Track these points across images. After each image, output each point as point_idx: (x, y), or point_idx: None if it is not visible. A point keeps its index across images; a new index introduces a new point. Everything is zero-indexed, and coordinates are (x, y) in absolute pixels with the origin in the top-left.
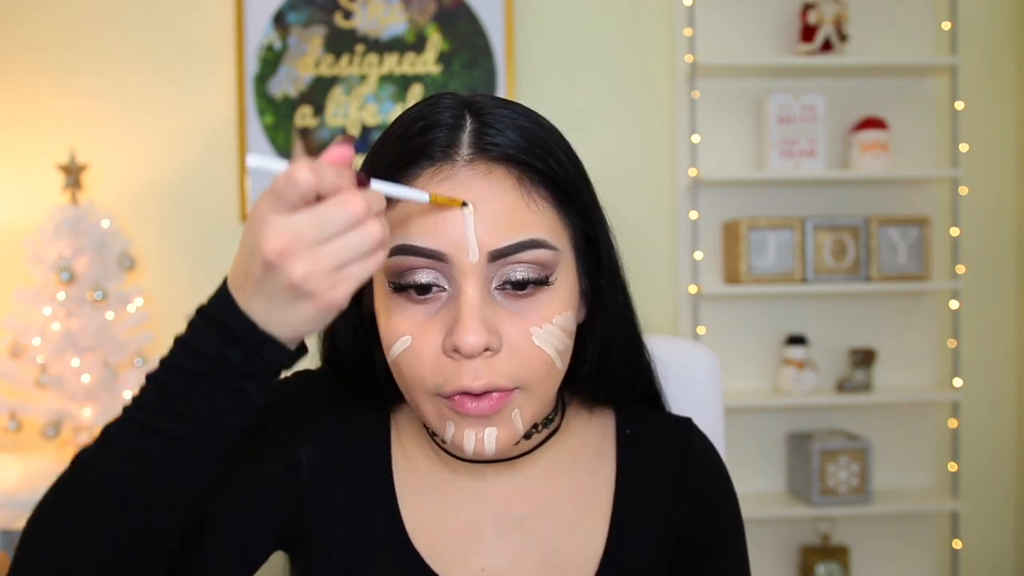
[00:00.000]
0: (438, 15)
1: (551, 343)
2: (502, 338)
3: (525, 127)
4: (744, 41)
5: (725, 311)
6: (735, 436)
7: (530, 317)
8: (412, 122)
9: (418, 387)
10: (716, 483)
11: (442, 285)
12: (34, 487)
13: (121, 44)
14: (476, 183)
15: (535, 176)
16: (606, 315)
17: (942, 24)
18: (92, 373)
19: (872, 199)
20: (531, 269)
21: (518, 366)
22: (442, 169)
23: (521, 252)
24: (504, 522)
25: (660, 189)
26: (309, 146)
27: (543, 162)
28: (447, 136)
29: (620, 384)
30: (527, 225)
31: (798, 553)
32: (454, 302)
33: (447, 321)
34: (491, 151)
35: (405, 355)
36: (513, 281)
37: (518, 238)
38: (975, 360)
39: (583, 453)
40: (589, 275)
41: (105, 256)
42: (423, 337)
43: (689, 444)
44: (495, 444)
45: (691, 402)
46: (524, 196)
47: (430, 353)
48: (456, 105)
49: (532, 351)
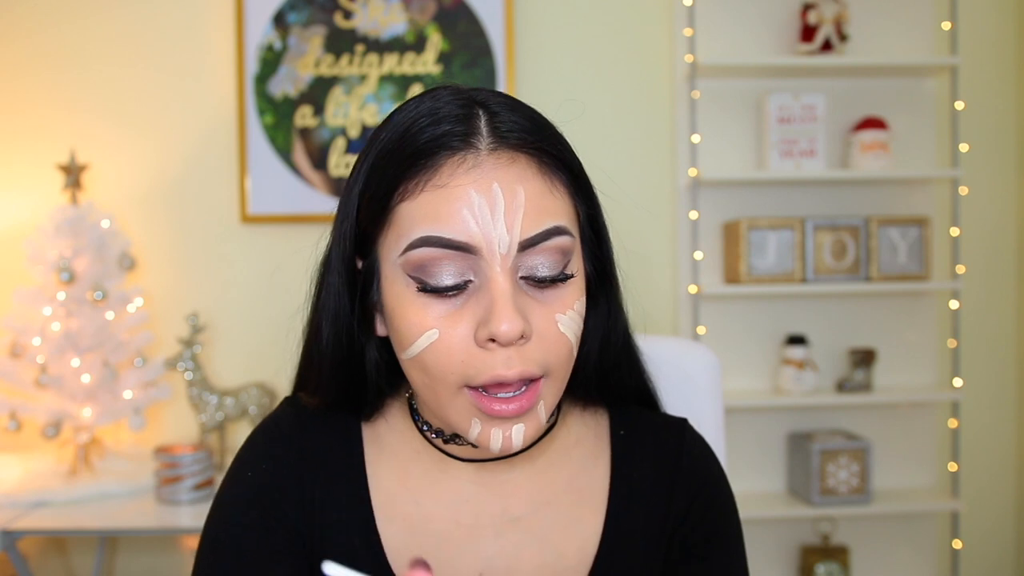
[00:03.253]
0: (438, 15)
1: (572, 329)
2: (531, 325)
3: (530, 115)
4: (744, 41)
5: (725, 311)
6: (735, 436)
7: (554, 305)
8: (419, 115)
9: (445, 381)
10: (711, 482)
11: (468, 278)
12: (34, 487)
13: (121, 44)
14: (503, 171)
15: (553, 162)
16: (607, 304)
17: (942, 24)
18: (92, 373)
19: (872, 199)
20: (554, 263)
21: (547, 352)
22: (466, 159)
23: (548, 240)
24: (502, 521)
25: (660, 189)
26: (309, 146)
27: (556, 148)
28: (465, 126)
29: (614, 382)
30: (551, 212)
31: (798, 553)
32: (484, 292)
33: (476, 312)
34: (509, 138)
35: (431, 349)
36: (537, 278)
37: (545, 226)
38: (975, 360)
39: (578, 451)
40: (593, 261)
41: (105, 256)
42: (450, 330)
43: (683, 444)
44: (523, 440)
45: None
46: (547, 183)
47: (460, 345)
48: (460, 96)
49: (558, 337)
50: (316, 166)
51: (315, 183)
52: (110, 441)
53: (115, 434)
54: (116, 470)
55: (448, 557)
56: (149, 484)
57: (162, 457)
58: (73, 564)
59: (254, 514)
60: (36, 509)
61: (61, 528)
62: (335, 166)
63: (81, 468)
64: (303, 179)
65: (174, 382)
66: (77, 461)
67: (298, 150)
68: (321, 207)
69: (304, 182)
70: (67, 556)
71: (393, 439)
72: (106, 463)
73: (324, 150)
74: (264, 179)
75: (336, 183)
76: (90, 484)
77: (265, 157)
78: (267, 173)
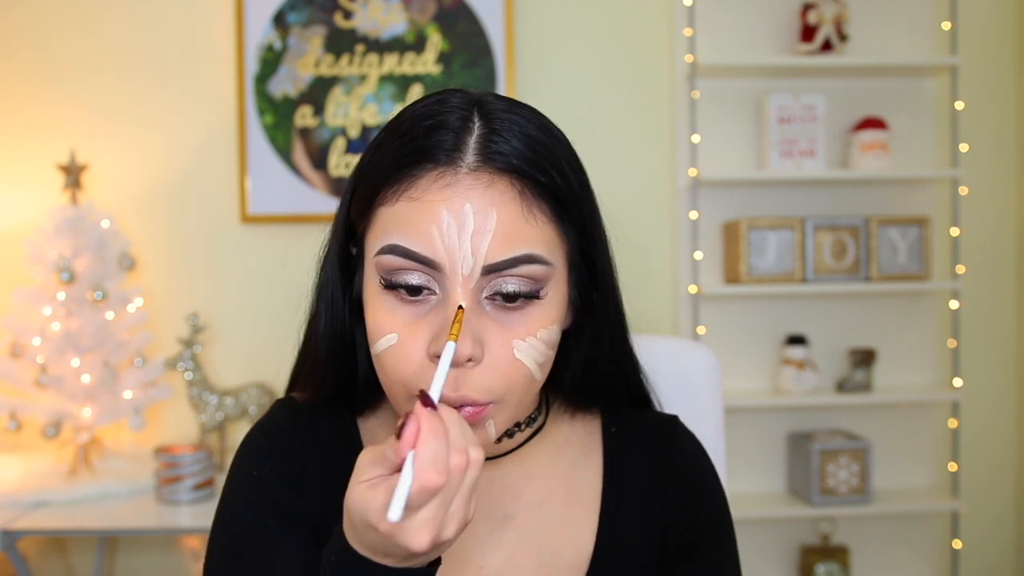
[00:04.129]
0: (438, 15)
1: (532, 356)
2: (484, 349)
3: (533, 136)
4: (744, 41)
5: (725, 311)
6: (735, 436)
7: (516, 329)
8: (418, 119)
9: (398, 386)
10: (702, 479)
11: (432, 289)
12: (34, 487)
13: (121, 44)
14: (478, 193)
15: (537, 190)
16: (594, 328)
17: (942, 24)
18: (92, 373)
19: (872, 199)
20: (523, 283)
21: (496, 380)
22: (444, 175)
23: (516, 267)
24: (495, 520)
25: (660, 189)
26: (309, 146)
27: (546, 175)
28: (453, 139)
29: (604, 390)
30: (524, 240)
31: (798, 553)
32: (442, 308)
33: (434, 326)
34: (495, 160)
35: (389, 353)
36: (504, 293)
37: (514, 253)
38: (975, 360)
39: (569, 450)
40: (580, 288)
41: (105, 256)
42: (409, 338)
43: (675, 440)
44: None
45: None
46: (524, 210)
47: (415, 355)
48: (465, 105)
49: (511, 364)
50: (316, 166)
51: (315, 183)
52: (110, 441)
53: (115, 434)
54: (116, 470)
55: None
56: (149, 484)
57: (162, 457)
58: (73, 564)
59: (261, 513)
60: (36, 509)
61: (61, 528)
62: (335, 166)
63: (81, 468)
64: (303, 179)
65: (174, 382)
66: (77, 461)
67: (298, 150)
68: (321, 207)
69: (304, 182)
70: (67, 556)
71: (385, 434)
72: (106, 463)
73: (324, 150)
74: (264, 179)
75: (336, 183)
76: (90, 484)
77: (265, 157)
78: (267, 173)
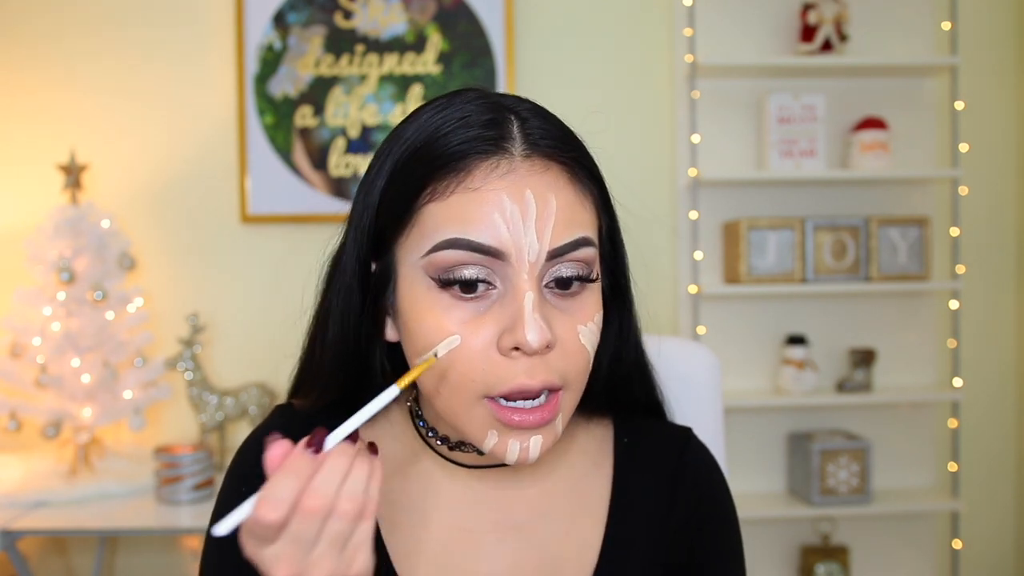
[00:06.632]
0: (438, 15)
1: (591, 341)
2: (555, 335)
3: (554, 120)
4: (744, 41)
5: (725, 311)
6: (735, 436)
7: (576, 315)
8: (449, 117)
9: (464, 389)
10: (712, 494)
11: (492, 282)
12: (34, 487)
13: (121, 44)
14: (536, 179)
15: (584, 173)
16: (620, 319)
17: (942, 24)
18: (92, 373)
19: (872, 199)
20: (579, 267)
21: (568, 363)
22: (500, 164)
23: (576, 251)
24: (503, 528)
25: (660, 189)
26: (309, 146)
27: (587, 159)
28: (497, 131)
29: (623, 394)
30: (580, 223)
31: (798, 553)
32: (508, 299)
33: (500, 319)
34: (541, 146)
35: (452, 356)
36: (561, 278)
37: (574, 236)
38: (975, 360)
39: (581, 460)
40: (608, 275)
41: (105, 256)
42: (472, 336)
43: (686, 454)
44: (539, 451)
45: (691, 402)
46: (578, 193)
47: (482, 352)
48: (487, 100)
49: (579, 349)
50: (316, 166)
51: (315, 183)
52: (110, 441)
53: (115, 434)
54: (116, 470)
55: (452, 562)
56: (149, 484)
57: (162, 457)
58: (73, 564)
59: None
60: (36, 509)
61: (61, 528)
62: (335, 166)
63: (81, 468)
64: (303, 179)
65: (174, 382)
66: (77, 461)
67: (298, 150)
68: (321, 207)
69: (304, 182)
70: (67, 556)
71: (393, 444)
72: (106, 463)
73: (324, 150)
74: (264, 179)
75: (336, 183)
76: (90, 484)
77: (265, 157)
78: (267, 173)
